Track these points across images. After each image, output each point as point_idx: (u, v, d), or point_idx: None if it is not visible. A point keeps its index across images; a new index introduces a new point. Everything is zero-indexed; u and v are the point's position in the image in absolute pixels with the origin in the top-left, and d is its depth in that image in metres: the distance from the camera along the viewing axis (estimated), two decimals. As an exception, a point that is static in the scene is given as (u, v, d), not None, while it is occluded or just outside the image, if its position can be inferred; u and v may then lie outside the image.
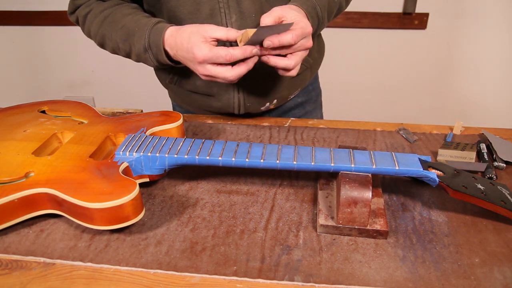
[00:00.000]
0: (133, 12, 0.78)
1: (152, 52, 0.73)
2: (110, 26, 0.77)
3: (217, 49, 0.65)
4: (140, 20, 0.75)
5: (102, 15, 0.79)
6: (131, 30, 0.74)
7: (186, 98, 0.93)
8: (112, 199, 0.51)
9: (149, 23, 0.73)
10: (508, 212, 0.55)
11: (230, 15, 0.75)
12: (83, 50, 1.99)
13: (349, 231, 0.55)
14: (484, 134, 0.79)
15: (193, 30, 0.67)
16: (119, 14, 0.77)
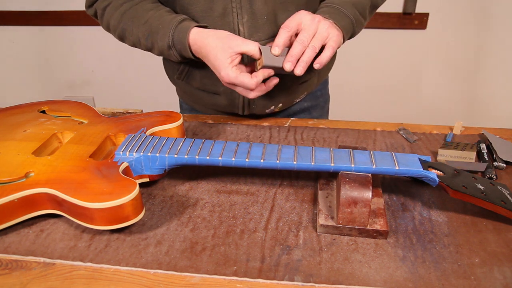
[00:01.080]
0: (154, 7, 0.77)
1: (176, 49, 0.74)
2: (132, 21, 0.78)
3: (244, 77, 0.68)
4: (163, 16, 0.75)
5: (122, 9, 0.78)
6: (154, 27, 0.75)
7: (192, 95, 0.93)
8: (112, 199, 0.51)
9: (173, 21, 0.73)
10: (508, 212, 0.55)
11: (242, 15, 0.75)
12: (83, 50, 1.99)
13: (349, 231, 0.55)
14: (484, 134, 0.79)
15: (219, 46, 0.69)
16: (140, 9, 0.77)
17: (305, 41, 0.68)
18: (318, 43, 0.69)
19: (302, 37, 0.68)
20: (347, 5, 0.76)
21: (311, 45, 0.68)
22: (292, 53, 0.68)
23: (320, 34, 0.69)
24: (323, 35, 0.69)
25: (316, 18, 0.69)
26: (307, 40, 0.68)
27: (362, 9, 0.79)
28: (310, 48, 0.68)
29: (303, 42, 0.68)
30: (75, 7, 1.86)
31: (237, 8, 0.75)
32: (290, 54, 0.68)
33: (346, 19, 0.75)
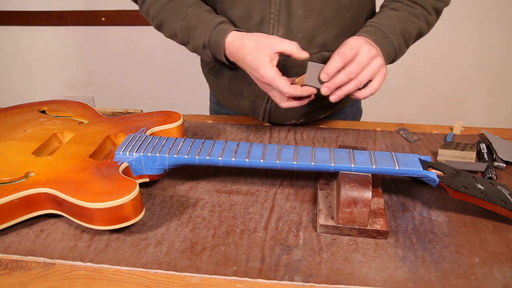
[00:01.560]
0: (195, 3, 0.77)
1: (211, 50, 0.74)
2: (171, 14, 0.77)
3: (280, 80, 0.66)
4: (203, 15, 0.74)
5: (162, 2, 0.78)
6: (192, 24, 0.74)
7: (220, 91, 0.94)
8: (112, 199, 0.51)
9: (212, 22, 0.72)
10: (508, 212, 0.55)
11: (278, 28, 0.74)
12: (83, 50, 1.99)
13: (349, 231, 0.55)
14: (484, 134, 0.79)
15: (257, 45, 0.67)
16: (181, 3, 0.77)
17: (353, 73, 0.65)
18: (364, 79, 0.66)
19: (352, 68, 0.65)
20: (395, 31, 0.74)
21: (357, 79, 0.66)
22: (335, 81, 0.66)
23: (370, 70, 0.66)
24: (373, 72, 0.66)
25: (372, 51, 0.66)
26: (355, 73, 0.65)
27: (408, 38, 0.77)
28: (355, 81, 0.66)
29: (351, 73, 0.65)
30: (76, 7, 1.86)
31: (274, 20, 0.73)
32: (332, 81, 0.66)
33: (391, 46, 0.73)
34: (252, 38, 0.68)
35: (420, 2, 0.78)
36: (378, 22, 0.74)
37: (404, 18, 0.76)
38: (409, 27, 0.76)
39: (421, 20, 0.78)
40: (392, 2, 0.79)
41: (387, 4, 0.80)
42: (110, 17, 1.86)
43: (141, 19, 1.81)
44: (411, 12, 0.76)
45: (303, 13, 0.73)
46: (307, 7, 0.72)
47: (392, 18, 0.75)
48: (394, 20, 0.75)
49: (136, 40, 1.90)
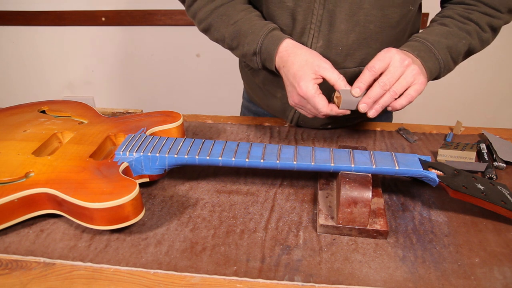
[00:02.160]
0: (246, 9, 0.76)
1: (261, 57, 0.73)
2: (221, 19, 0.76)
3: (320, 98, 0.65)
4: (254, 21, 0.73)
5: (213, 5, 0.77)
6: (243, 30, 0.73)
7: (253, 88, 0.94)
8: (112, 199, 0.51)
9: (264, 28, 0.72)
10: (508, 212, 0.55)
11: (318, 38, 0.73)
12: (83, 50, 1.99)
13: (349, 231, 0.55)
14: (484, 134, 0.79)
15: (309, 59, 0.67)
16: (231, 8, 0.76)
17: (387, 84, 0.63)
18: (400, 89, 0.63)
19: (385, 79, 0.63)
20: (440, 46, 0.71)
21: (392, 90, 0.63)
22: (371, 94, 0.63)
23: (405, 79, 0.63)
24: (408, 80, 0.63)
25: (406, 61, 0.63)
26: (389, 84, 0.63)
27: (456, 55, 0.73)
28: (391, 92, 0.63)
29: (385, 85, 0.63)
30: (76, 7, 1.86)
31: (314, 31, 0.72)
32: (368, 96, 0.63)
33: (435, 62, 0.70)
34: (308, 51, 0.68)
35: (474, 18, 0.74)
36: (423, 36, 0.72)
37: (453, 33, 0.72)
38: (458, 43, 0.72)
39: (473, 36, 0.74)
40: (443, 17, 0.76)
41: (437, 19, 0.77)
42: (110, 17, 1.86)
43: (141, 19, 1.82)
44: (462, 28, 0.73)
45: (346, 27, 0.71)
46: (351, 22, 0.71)
47: (439, 33, 0.72)
48: (441, 36, 0.72)
49: (136, 40, 1.90)
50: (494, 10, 0.74)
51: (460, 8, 0.76)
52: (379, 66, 0.63)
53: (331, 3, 0.69)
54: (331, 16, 0.70)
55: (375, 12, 0.69)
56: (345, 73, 0.75)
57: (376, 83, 0.63)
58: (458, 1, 0.77)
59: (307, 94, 0.65)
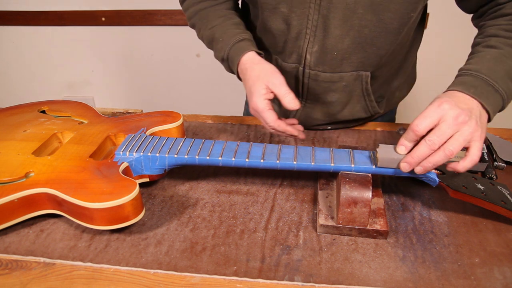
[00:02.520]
0: (225, 15, 0.80)
1: (228, 64, 0.77)
2: (201, 21, 0.81)
3: (268, 113, 0.67)
4: (228, 30, 0.77)
5: (199, 7, 0.82)
6: (216, 36, 0.78)
7: None
8: (112, 199, 0.51)
9: (232, 39, 0.75)
10: (508, 212, 0.55)
11: (313, 43, 0.73)
12: (83, 50, 1.99)
13: (349, 231, 0.55)
14: (484, 134, 0.79)
15: (261, 75, 0.69)
16: (212, 13, 0.80)
17: (435, 143, 0.53)
18: (456, 146, 0.53)
19: (434, 137, 0.53)
20: (498, 75, 0.60)
21: (447, 148, 0.53)
22: (415, 154, 0.54)
23: (462, 135, 0.53)
24: (465, 139, 0.53)
25: (460, 118, 0.53)
26: (438, 143, 0.53)
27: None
28: (446, 151, 0.53)
29: (433, 144, 0.53)
30: (76, 7, 1.86)
31: (310, 36, 0.73)
32: (411, 155, 0.54)
33: (496, 95, 0.59)
34: (262, 67, 0.70)
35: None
36: (474, 68, 0.61)
37: (506, 55, 0.62)
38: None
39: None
40: (486, 37, 0.66)
41: (480, 42, 0.67)
42: (110, 17, 1.86)
43: (141, 19, 1.82)
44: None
45: (340, 32, 0.71)
46: (345, 27, 0.70)
47: (491, 59, 0.62)
48: (494, 61, 0.61)
49: (136, 40, 1.90)
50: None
51: (503, 21, 0.66)
52: (425, 126, 0.54)
53: (325, 8, 0.69)
54: (325, 21, 0.70)
55: (369, 17, 0.68)
56: (343, 77, 0.75)
57: (422, 140, 0.54)
58: (497, 14, 0.67)
59: (258, 109, 0.68)
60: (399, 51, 0.77)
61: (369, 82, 0.77)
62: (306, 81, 0.78)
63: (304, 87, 0.79)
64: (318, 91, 0.79)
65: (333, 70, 0.75)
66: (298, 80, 0.78)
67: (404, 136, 0.56)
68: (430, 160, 0.54)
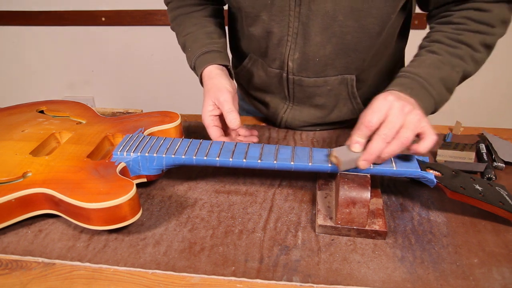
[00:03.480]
0: (199, 23, 0.81)
1: (196, 73, 0.78)
2: (178, 27, 0.84)
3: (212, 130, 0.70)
4: (198, 39, 0.79)
5: (177, 12, 0.84)
6: (187, 45, 0.81)
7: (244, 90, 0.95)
8: (109, 199, 0.51)
9: (199, 50, 0.77)
10: (506, 213, 0.55)
11: (294, 50, 0.73)
12: (83, 50, 1.99)
13: (348, 232, 0.55)
14: (483, 135, 0.79)
15: (211, 90, 0.71)
16: (188, 21, 0.82)
17: (389, 136, 0.55)
18: (410, 133, 0.55)
19: (386, 130, 0.55)
20: (433, 80, 0.64)
21: (402, 137, 0.55)
22: (372, 150, 0.55)
23: (412, 122, 0.55)
24: (416, 124, 0.56)
25: (405, 108, 0.56)
26: (391, 135, 0.55)
27: (451, 85, 0.66)
28: (401, 139, 0.55)
29: (387, 137, 0.55)
30: (76, 7, 1.86)
31: (291, 43, 0.73)
32: (368, 151, 0.55)
33: (430, 98, 0.63)
34: (213, 82, 0.72)
35: (465, 39, 0.67)
36: (413, 71, 0.65)
37: (445, 62, 0.66)
38: (452, 72, 0.66)
39: (467, 61, 0.67)
40: (431, 42, 0.69)
41: (425, 45, 0.69)
42: (110, 17, 1.86)
43: (141, 19, 1.82)
44: (454, 54, 0.66)
45: (321, 39, 0.70)
46: (326, 34, 0.70)
47: (430, 64, 0.65)
48: (433, 67, 0.65)
49: (136, 40, 1.90)
50: (486, 26, 0.67)
51: (449, 29, 0.69)
52: (376, 120, 0.56)
53: (304, 16, 0.68)
54: (305, 29, 0.70)
55: (350, 23, 0.68)
56: (327, 81, 0.75)
57: (375, 135, 0.55)
58: (445, 21, 0.70)
59: (204, 123, 0.71)
60: (383, 52, 0.77)
61: (355, 85, 0.77)
62: (291, 86, 0.78)
63: (290, 91, 0.79)
64: (304, 95, 0.79)
65: (316, 75, 0.75)
66: (283, 84, 0.79)
67: (356, 134, 0.57)
68: (387, 151, 0.55)
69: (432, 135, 0.56)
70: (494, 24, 0.67)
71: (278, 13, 0.69)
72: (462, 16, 0.68)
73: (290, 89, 0.79)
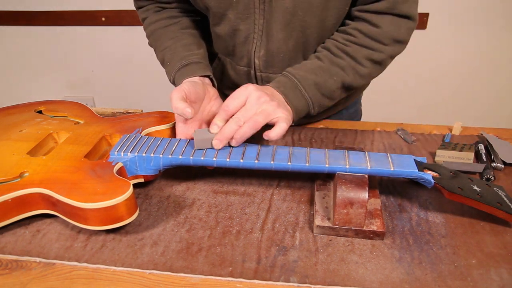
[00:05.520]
0: (175, 37, 0.81)
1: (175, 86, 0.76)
2: (156, 42, 0.84)
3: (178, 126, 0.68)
4: (176, 53, 0.78)
5: (153, 27, 0.84)
6: (166, 59, 0.80)
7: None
8: (106, 199, 0.51)
9: (178, 63, 0.76)
10: (504, 214, 0.54)
11: (259, 48, 0.75)
12: (83, 50, 1.99)
13: (346, 232, 0.55)
14: (482, 135, 0.79)
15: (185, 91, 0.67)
16: (164, 35, 0.82)
17: (241, 120, 0.60)
18: (261, 118, 0.60)
19: (240, 115, 0.60)
20: (308, 83, 0.69)
21: (252, 119, 0.60)
22: (224, 131, 0.60)
23: (266, 111, 0.61)
24: (269, 113, 0.61)
25: (262, 98, 0.61)
26: (243, 119, 0.60)
27: (327, 91, 0.71)
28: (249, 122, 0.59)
29: (239, 121, 0.60)
30: (76, 7, 1.86)
31: (257, 40, 0.74)
32: (221, 132, 0.60)
33: (301, 99, 0.69)
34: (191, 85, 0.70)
35: (350, 51, 0.71)
36: (293, 72, 0.70)
37: (324, 69, 0.70)
38: (328, 80, 0.70)
39: (347, 72, 0.71)
40: (322, 48, 0.74)
41: (318, 50, 0.75)
42: (110, 17, 1.86)
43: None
44: (335, 63, 0.71)
45: (283, 35, 0.72)
46: (287, 30, 0.71)
47: (309, 69, 0.70)
48: (310, 71, 0.70)
49: (136, 40, 1.90)
50: (375, 42, 0.70)
51: (340, 38, 0.72)
52: (234, 106, 0.61)
53: (268, 13, 0.70)
54: (268, 26, 0.71)
55: (309, 18, 0.69)
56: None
57: (230, 119, 0.61)
58: (342, 29, 0.73)
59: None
60: None
61: None
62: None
63: None
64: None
65: (283, 70, 0.75)
66: (252, 82, 0.80)
67: (216, 117, 0.62)
68: (239, 132, 0.59)
69: (284, 123, 0.60)
70: (384, 42, 0.70)
71: (243, 10, 0.71)
72: (354, 27, 0.71)
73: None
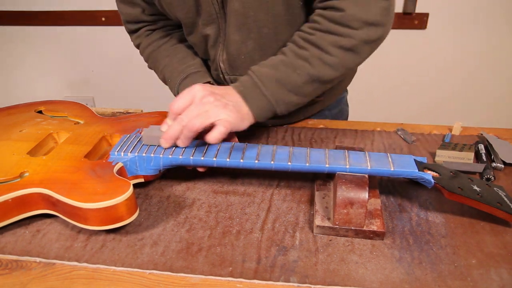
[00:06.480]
0: (170, 54, 0.82)
1: None
2: (154, 64, 0.85)
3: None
4: (174, 69, 0.80)
5: (148, 51, 0.85)
6: (166, 77, 0.81)
7: None
8: (106, 199, 0.51)
9: (178, 78, 0.78)
10: (504, 214, 0.54)
11: (223, 51, 0.76)
12: (83, 50, 1.99)
13: (346, 232, 0.55)
14: (482, 135, 0.79)
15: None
16: (159, 55, 0.83)
17: (184, 121, 0.59)
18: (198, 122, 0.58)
19: (183, 116, 0.60)
20: (268, 80, 0.65)
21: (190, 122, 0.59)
22: (169, 131, 0.60)
23: (207, 113, 0.59)
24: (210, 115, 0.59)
25: (205, 98, 0.60)
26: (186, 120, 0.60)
27: (292, 87, 0.66)
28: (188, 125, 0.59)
29: (182, 121, 0.59)
30: (76, 7, 1.86)
31: (222, 44, 0.75)
32: (166, 132, 0.61)
33: (262, 98, 0.65)
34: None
35: (314, 40, 0.65)
36: (254, 69, 0.67)
37: (286, 63, 0.66)
38: (292, 74, 0.65)
39: (312, 63, 0.65)
40: (289, 42, 0.69)
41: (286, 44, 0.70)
42: (110, 17, 1.86)
43: (141, 19, 1.82)
44: (299, 55, 0.65)
45: (240, 37, 0.72)
46: (243, 31, 0.71)
47: (271, 65, 0.66)
48: (271, 67, 0.66)
49: (136, 40, 1.90)
50: (341, 26, 0.63)
51: (305, 27, 0.67)
52: (178, 106, 0.60)
53: (227, 17, 0.71)
54: (226, 29, 0.72)
55: (262, 17, 0.68)
56: None
57: (175, 120, 0.60)
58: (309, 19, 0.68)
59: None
60: None
61: None
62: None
63: None
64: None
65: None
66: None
67: (168, 116, 0.62)
68: (183, 134, 0.60)
69: (222, 127, 0.59)
70: (352, 25, 0.62)
71: (208, 17, 0.72)
72: (319, 14, 0.65)
73: None
